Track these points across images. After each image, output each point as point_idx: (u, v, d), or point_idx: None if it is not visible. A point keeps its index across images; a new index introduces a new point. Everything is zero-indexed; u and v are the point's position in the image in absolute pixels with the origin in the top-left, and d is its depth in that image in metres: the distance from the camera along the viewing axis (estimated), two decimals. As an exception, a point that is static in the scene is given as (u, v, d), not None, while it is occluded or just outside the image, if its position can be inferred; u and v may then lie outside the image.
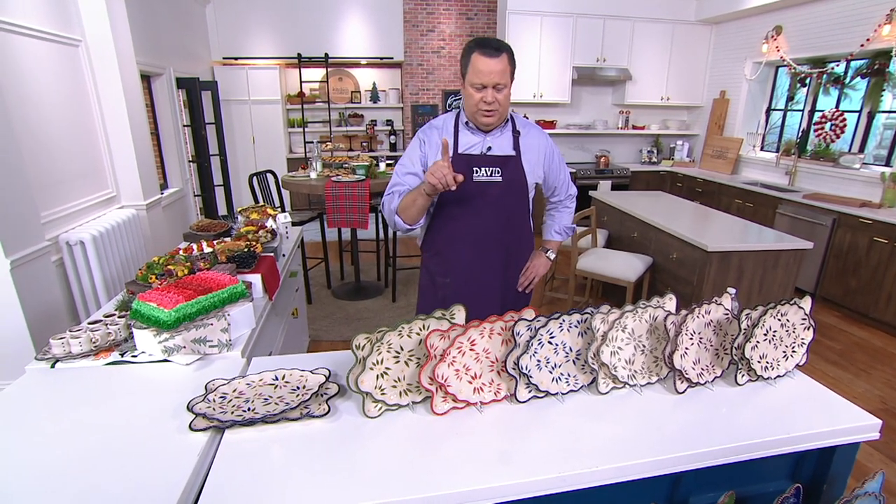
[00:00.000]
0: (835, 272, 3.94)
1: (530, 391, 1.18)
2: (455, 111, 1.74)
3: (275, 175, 4.29)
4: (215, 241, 1.97)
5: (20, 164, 2.26)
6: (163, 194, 3.90)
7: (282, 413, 1.06)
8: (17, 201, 2.21)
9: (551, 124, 6.15)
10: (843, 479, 1.20)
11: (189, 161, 5.00)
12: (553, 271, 4.19)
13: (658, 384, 1.27)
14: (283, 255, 2.28)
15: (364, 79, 6.69)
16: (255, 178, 4.07)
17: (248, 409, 1.09)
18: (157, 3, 4.33)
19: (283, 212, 2.73)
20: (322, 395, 1.15)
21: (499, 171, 1.68)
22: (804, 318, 1.33)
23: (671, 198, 4.34)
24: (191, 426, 1.03)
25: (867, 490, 1.11)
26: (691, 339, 1.27)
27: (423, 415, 1.12)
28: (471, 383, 1.15)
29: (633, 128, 6.43)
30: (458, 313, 1.17)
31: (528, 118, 1.85)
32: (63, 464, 0.95)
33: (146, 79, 4.22)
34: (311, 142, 4.45)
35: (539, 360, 1.18)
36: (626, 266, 3.28)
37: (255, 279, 1.76)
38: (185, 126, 4.93)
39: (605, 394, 1.22)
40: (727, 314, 1.30)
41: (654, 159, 6.45)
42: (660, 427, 1.10)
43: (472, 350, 1.14)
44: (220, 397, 1.13)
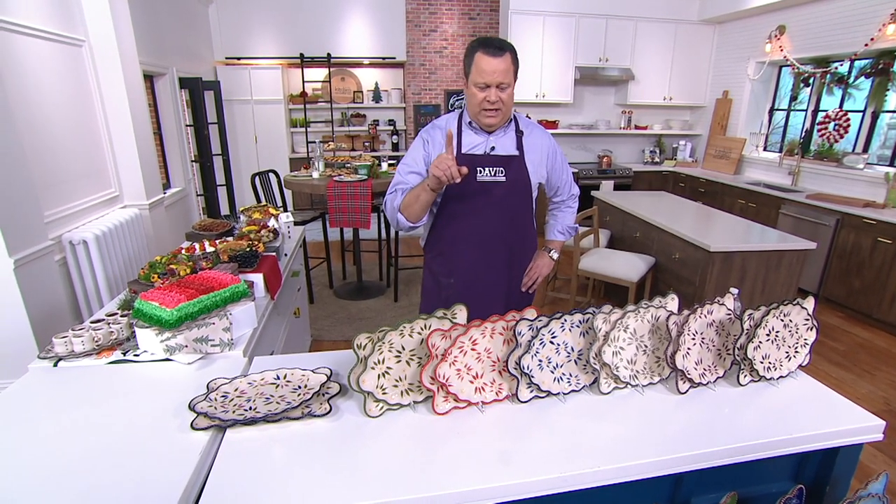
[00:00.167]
0: (838, 273, 3.93)
1: (532, 391, 1.18)
2: (458, 111, 1.74)
3: (277, 175, 4.29)
4: (217, 241, 1.97)
5: (24, 163, 2.26)
6: (165, 194, 3.91)
7: (283, 412, 1.06)
8: (20, 201, 2.22)
9: (554, 124, 6.15)
10: (846, 480, 1.20)
11: (192, 161, 5.02)
12: (555, 271, 4.19)
13: (660, 384, 1.26)
14: (286, 255, 2.29)
15: (366, 79, 6.69)
16: (257, 177, 4.08)
17: (250, 408, 1.09)
18: (160, 3, 4.34)
19: (286, 211, 2.74)
20: (323, 395, 1.15)
21: (502, 171, 1.67)
22: (807, 319, 1.32)
23: (674, 198, 4.33)
24: (192, 425, 1.03)
25: (871, 491, 1.10)
26: (693, 339, 1.26)
27: (425, 414, 1.12)
28: (472, 383, 1.15)
29: (636, 128, 6.42)
30: (460, 313, 1.17)
31: (530, 118, 1.84)
32: (65, 462, 0.95)
33: (149, 79, 4.23)
34: (314, 141, 4.46)
35: (541, 360, 1.18)
36: (628, 266, 3.28)
37: (257, 278, 1.76)
38: (187, 126, 4.94)
39: (607, 394, 1.22)
40: (729, 314, 1.30)
41: (656, 159, 6.43)
42: (662, 427, 1.10)
43: (473, 350, 1.14)
44: (222, 396, 1.13)
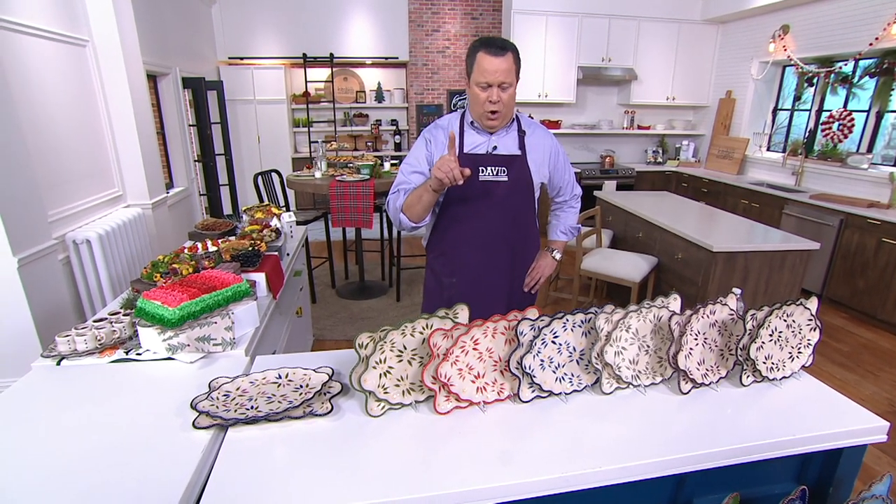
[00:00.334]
0: (842, 273, 3.91)
1: (533, 391, 1.17)
2: (460, 111, 1.74)
3: (280, 174, 4.30)
4: (220, 240, 1.98)
5: (28, 163, 2.27)
6: (168, 193, 3.92)
7: (285, 411, 1.06)
8: (24, 200, 2.23)
9: (556, 124, 6.14)
10: (849, 481, 1.19)
11: (194, 160, 5.03)
12: (558, 271, 4.18)
13: (662, 385, 1.26)
14: (288, 255, 2.29)
15: (369, 79, 6.70)
16: (260, 177, 4.08)
17: (252, 407, 1.09)
18: (163, 3, 4.35)
19: (288, 211, 2.74)
20: (325, 394, 1.15)
21: (504, 171, 1.67)
22: (810, 319, 1.32)
23: (676, 198, 4.31)
24: (194, 424, 1.04)
25: (874, 493, 1.10)
26: (696, 339, 1.26)
27: (426, 414, 1.12)
28: (474, 383, 1.15)
29: (639, 128, 6.41)
30: (462, 312, 1.17)
31: (532, 118, 1.84)
32: (67, 461, 0.96)
33: (152, 78, 4.24)
34: (316, 141, 4.47)
35: (542, 360, 1.18)
36: (630, 266, 3.27)
37: (260, 278, 1.77)
38: (190, 126, 4.95)
39: (609, 394, 1.21)
40: (732, 314, 1.29)
41: (659, 159, 6.42)
42: (664, 428, 1.10)
43: (475, 349, 1.14)
44: (224, 395, 1.13)
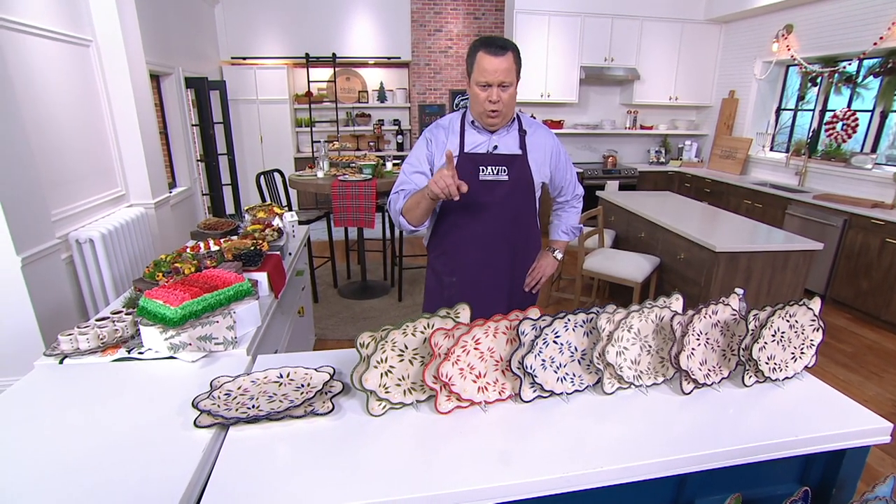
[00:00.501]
0: (845, 274, 3.89)
1: (535, 391, 1.17)
2: (462, 111, 1.74)
3: (282, 174, 4.31)
4: (222, 240, 1.98)
5: (32, 163, 2.28)
6: (171, 193, 3.93)
7: (286, 410, 1.06)
8: (28, 200, 2.24)
9: (559, 124, 6.13)
10: (852, 482, 1.18)
11: (197, 160, 5.04)
12: (560, 271, 4.18)
13: (664, 385, 1.26)
14: (290, 254, 2.29)
15: (371, 78, 6.70)
16: (262, 177, 4.09)
17: (253, 406, 1.09)
18: (166, 3, 4.37)
19: (290, 211, 2.74)
20: (326, 393, 1.15)
21: (505, 170, 1.67)
22: (813, 320, 1.31)
23: (679, 198, 4.30)
24: (195, 423, 1.04)
25: (878, 494, 1.09)
26: (698, 339, 1.25)
27: (427, 414, 1.12)
28: (475, 382, 1.15)
29: (641, 128, 6.39)
30: (463, 312, 1.16)
31: (535, 118, 1.84)
32: (69, 459, 0.96)
33: (155, 78, 4.25)
34: (319, 141, 4.47)
35: (544, 360, 1.17)
36: (633, 266, 3.26)
37: (261, 277, 1.77)
38: (193, 125, 4.96)
39: (611, 394, 1.21)
40: (734, 315, 1.29)
41: (662, 159, 6.40)
42: (666, 428, 1.09)
43: (476, 349, 1.14)
44: (225, 394, 1.13)
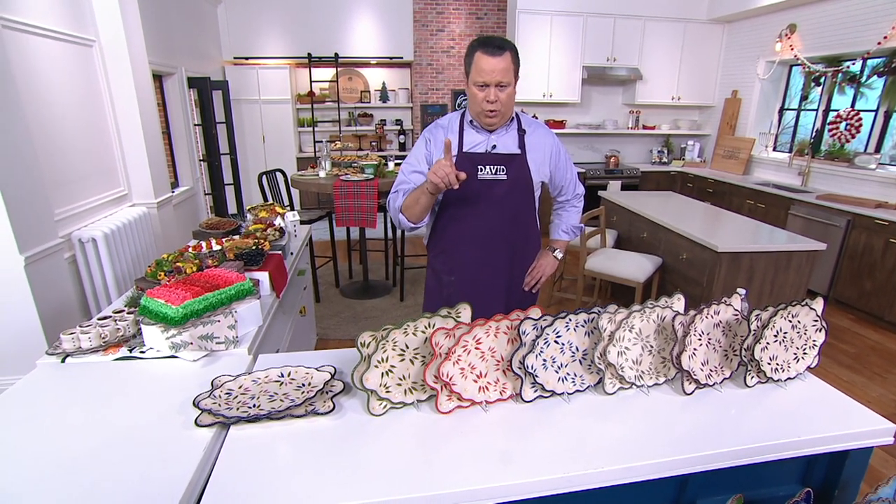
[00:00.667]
0: (849, 274, 3.88)
1: (536, 391, 1.17)
2: (461, 110, 1.75)
3: (284, 174, 4.31)
4: (224, 239, 1.98)
5: (35, 162, 2.29)
6: (173, 193, 3.94)
7: (287, 410, 1.06)
8: (31, 199, 2.25)
9: (561, 124, 6.13)
10: (855, 483, 1.18)
11: (200, 160, 5.05)
12: (562, 271, 4.17)
13: (665, 385, 1.25)
14: (292, 254, 2.29)
15: (374, 78, 6.71)
16: (264, 176, 4.10)
17: (254, 405, 1.09)
18: (169, 3, 4.38)
19: (292, 210, 2.75)
20: (327, 393, 1.15)
21: (504, 170, 1.68)
22: (816, 320, 1.31)
23: (681, 198, 4.29)
24: (196, 422, 1.04)
25: (881, 496, 1.09)
26: (700, 339, 1.25)
27: (428, 413, 1.12)
28: (476, 382, 1.14)
29: (644, 128, 6.38)
30: (464, 312, 1.16)
31: (537, 118, 1.84)
32: (70, 457, 0.96)
33: (158, 78, 4.26)
34: (321, 141, 4.48)
35: (545, 360, 1.17)
36: (635, 266, 3.26)
37: (263, 277, 1.77)
38: (196, 125, 4.98)
39: (612, 394, 1.21)
40: (736, 315, 1.29)
41: (664, 159, 6.39)
42: (667, 428, 1.09)
43: (477, 349, 1.14)
44: (226, 393, 1.13)
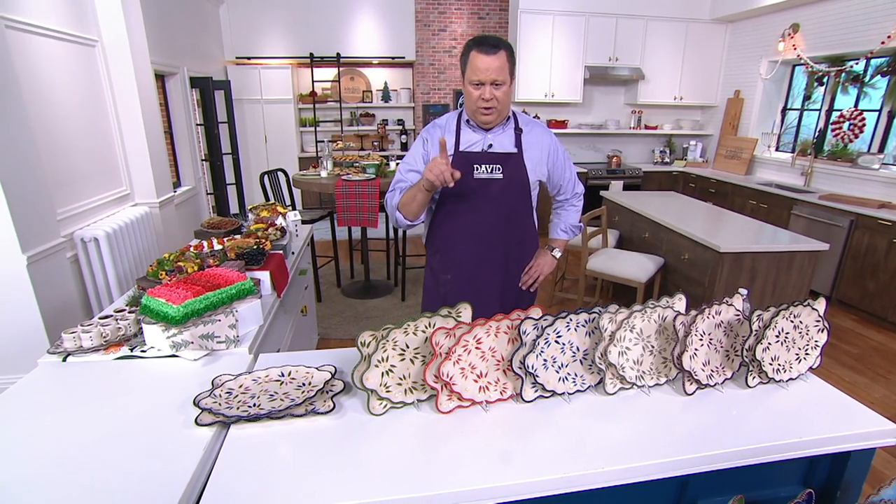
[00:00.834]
0: (852, 275, 3.86)
1: (536, 391, 1.17)
2: (458, 110, 1.76)
3: (286, 174, 4.32)
4: (225, 239, 1.98)
5: (37, 162, 2.30)
6: (176, 192, 3.95)
7: (287, 409, 1.06)
8: (34, 199, 2.25)
9: (563, 124, 6.12)
10: (857, 485, 1.17)
11: (202, 160, 5.06)
12: (563, 271, 4.17)
13: (666, 385, 1.25)
14: (293, 253, 2.30)
15: (376, 78, 6.71)
16: (266, 176, 4.10)
17: (254, 404, 1.09)
18: (171, 3, 4.39)
19: (294, 210, 2.75)
20: (327, 392, 1.15)
21: (499, 169, 1.69)
22: (818, 320, 1.30)
23: (683, 198, 4.28)
24: (197, 421, 1.04)
25: (883, 497, 1.08)
26: (701, 340, 1.25)
27: (428, 413, 1.11)
28: (476, 382, 1.14)
29: (646, 128, 6.37)
30: (465, 311, 1.16)
31: (538, 118, 1.84)
32: (70, 456, 0.96)
33: (160, 78, 4.27)
34: (323, 141, 4.48)
35: (545, 360, 1.17)
36: (636, 267, 3.25)
37: (264, 276, 1.77)
38: (198, 125, 4.99)
39: (613, 394, 1.21)
40: (738, 315, 1.28)
41: (666, 159, 6.38)
42: (668, 429, 1.09)
43: (477, 348, 1.14)
44: (227, 393, 1.13)
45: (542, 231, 1.89)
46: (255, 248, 1.84)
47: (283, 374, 1.21)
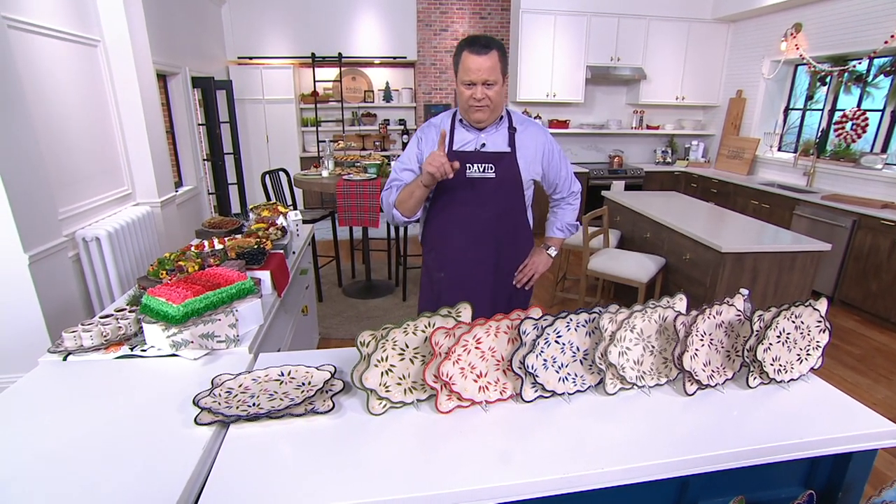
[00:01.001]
0: (854, 275, 3.85)
1: (536, 391, 1.16)
2: (453, 109, 1.78)
3: (287, 173, 4.32)
4: (226, 238, 1.99)
5: (40, 161, 2.30)
6: (177, 192, 3.95)
7: (286, 409, 1.06)
8: (36, 198, 2.26)
9: (564, 124, 6.11)
10: (859, 486, 1.17)
11: (204, 159, 5.07)
12: (565, 271, 4.16)
13: (667, 386, 1.24)
14: (294, 253, 2.30)
15: (377, 78, 6.71)
16: (267, 176, 4.10)
17: (253, 404, 1.09)
18: (173, 3, 4.39)
19: (295, 210, 2.75)
20: (327, 392, 1.15)
21: (492, 168, 1.70)
22: (819, 321, 1.29)
23: (685, 198, 4.27)
24: (196, 420, 1.04)
25: (885, 498, 1.08)
26: (702, 340, 1.24)
27: (428, 413, 1.11)
28: (476, 382, 1.14)
29: (648, 128, 6.36)
30: (465, 311, 1.16)
31: (540, 118, 1.85)
32: (70, 454, 0.96)
33: (162, 78, 4.28)
34: (324, 141, 4.48)
35: (545, 360, 1.17)
36: (638, 267, 3.24)
37: (264, 276, 1.77)
38: (200, 125, 4.99)
39: (613, 395, 1.20)
40: (739, 315, 1.28)
41: (668, 159, 6.36)
42: (668, 429, 1.08)
43: (477, 348, 1.14)
44: (226, 392, 1.13)
45: (541, 230, 1.89)
46: (255, 247, 1.84)
47: (282, 374, 1.21)
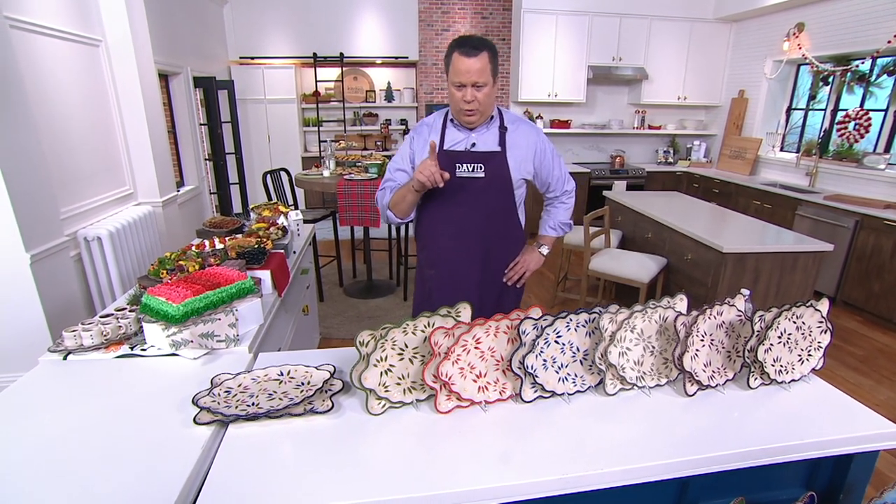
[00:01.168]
0: (857, 275, 3.83)
1: (536, 391, 1.16)
2: (445, 109, 1.78)
3: (288, 173, 4.32)
4: (227, 238, 1.99)
5: (42, 161, 2.31)
6: (179, 192, 3.95)
7: (285, 408, 1.06)
8: (38, 198, 2.26)
9: (566, 123, 6.10)
10: (861, 487, 1.16)
11: (205, 159, 5.07)
12: (566, 271, 4.15)
13: (667, 386, 1.24)
14: (294, 252, 2.30)
15: (379, 78, 6.71)
16: (268, 175, 4.10)
17: (252, 403, 1.09)
18: (175, 3, 4.40)
19: (296, 209, 2.75)
20: (326, 392, 1.15)
21: (481, 167, 1.71)
22: (821, 321, 1.29)
23: (687, 198, 4.26)
24: (195, 420, 1.04)
25: (886, 500, 1.07)
26: (702, 340, 1.24)
27: (427, 413, 1.11)
28: (475, 382, 1.14)
29: (649, 128, 6.34)
30: (464, 311, 1.16)
31: (541, 117, 1.85)
32: (69, 454, 0.96)
33: (164, 78, 4.28)
34: (326, 140, 4.48)
35: (545, 360, 1.16)
36: (639, 267, 3.24)
37: (265, 275, 1.77)
38: (201, 125, 5.00)
39: (613, 395, 1.20)
40: (740, 316, 1.27)
41: (670, 159, 6.35)
42: (669, 430, 1.08)
43: (477, 348, 1.13)
44: (226, 392, 1.13)
45: (532, 228, 1.88)
46: (256, 247, 1.84)
47: (282, 374, 1.21)
